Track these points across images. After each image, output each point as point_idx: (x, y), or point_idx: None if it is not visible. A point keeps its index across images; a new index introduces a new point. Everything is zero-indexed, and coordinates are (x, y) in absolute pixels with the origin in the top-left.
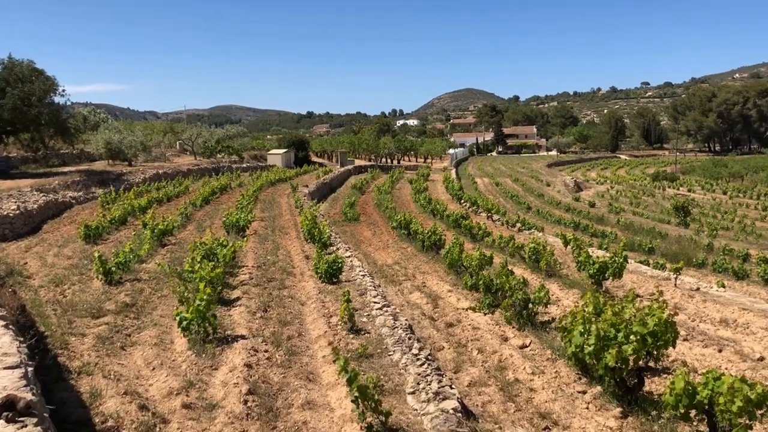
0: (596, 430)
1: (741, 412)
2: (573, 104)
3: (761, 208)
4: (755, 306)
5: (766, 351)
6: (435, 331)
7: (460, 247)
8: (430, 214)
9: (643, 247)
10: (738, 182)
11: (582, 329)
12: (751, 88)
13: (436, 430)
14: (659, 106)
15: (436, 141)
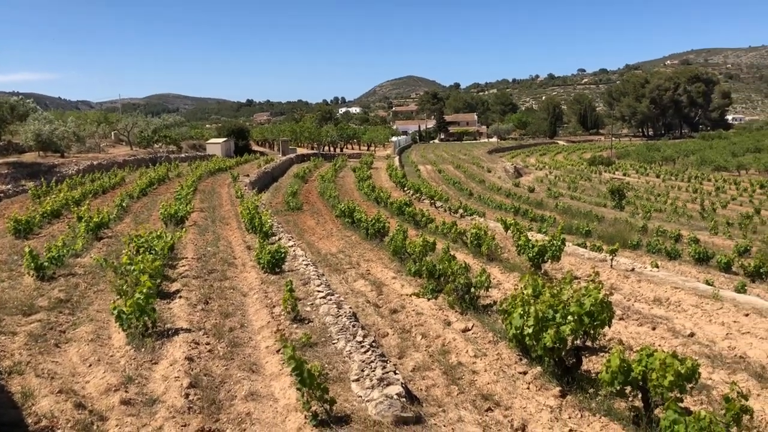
0: (536, 410)
1: (672, 387)
2: (512, 91)
3: (692, 191)
4: (686, 285)
5: (696, 327)
6: (379, 318)
7: (403, 234)
8: (374, 201)
9: (580, 230)
10: (670, 166)
11: (521, 311)
12: (681, 74)
13: (381, 415)
14: (595, 93)
15: (378, 129)
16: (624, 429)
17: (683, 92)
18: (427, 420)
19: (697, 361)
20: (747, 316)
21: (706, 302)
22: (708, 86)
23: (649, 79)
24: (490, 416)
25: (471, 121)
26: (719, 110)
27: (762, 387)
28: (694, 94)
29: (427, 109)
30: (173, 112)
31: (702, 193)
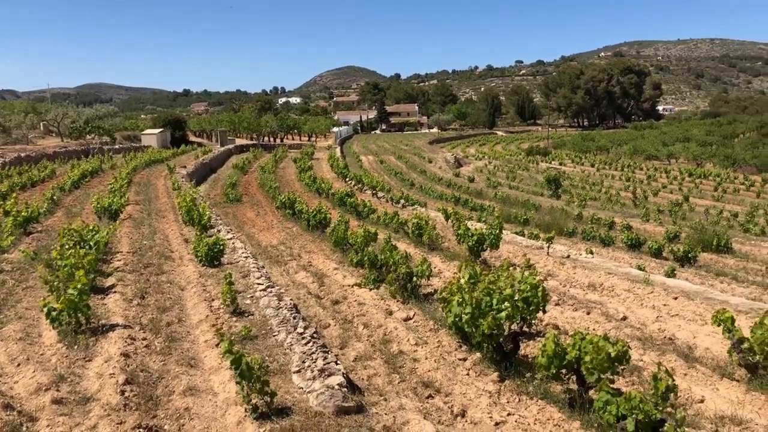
0: (476, 395)
1: (604, 368)
2: (452, 82)
3: (625, 179)
4: (619, 270)
5: (628, 311)
6: (321, 309)
7: (345, 224)
8: (316, 192)
9: (518, 219)
10: (604, 155)
11: (460, 299)
12: (615, 66)
13: (322, 406)
14: (532, 84)
15: (319, 119)
16: (560, 411)
17: (616, 83)
18: (369, 409)
19: (628, 344)
20: (676, 299)
21: (638, 287)
22: (640, 78)
23: (584, 70)
24: (430, 403)
25: (412, 111)
26: (650, 101)
27: (689, 366)
28: (627, 86)
29: (368, 100)
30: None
31: (634, 181)
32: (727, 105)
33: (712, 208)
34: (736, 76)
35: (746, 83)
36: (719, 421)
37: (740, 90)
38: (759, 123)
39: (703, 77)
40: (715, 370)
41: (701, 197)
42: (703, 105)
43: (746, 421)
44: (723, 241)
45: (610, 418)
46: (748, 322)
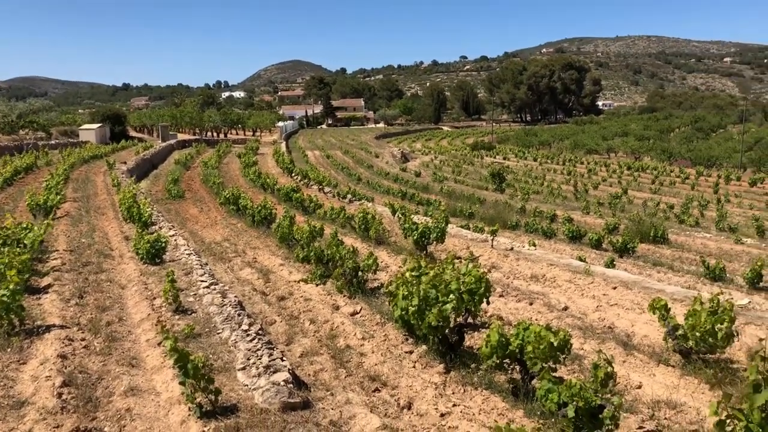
0: (422, 387)
1: (546, 357)
2: (398, 77)
3: (566, 173)
4: (561, 261)
5: (570, 301)
6: (267, 306)
7: (291, 220)
8: (261, 188)
9: (464, 213)
10: (546, 150)
11: (406, 292)
12: (556, 62)
13: (268, 403)
14: (477, 79)
15: (264, 114)
16: (504, 400)
17: (558, 79)
18: (315, 404)
19: (570, 333)
20: (615, 289)
21: (579, 277)
22: (580, 74)
23: (526, 66)
24: (377, 396)
25: (358, 106)
26: (590, 96)
27: (627, 353)
28: (568, 81)
29: (314, 94)
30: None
31: (575, 175)
32: (664, 100)
33: (650, 201)
34: (672, 73)
35: (681, 79)
36: (655, 405)
37: (676, 86)
38: (693, 118)
39: (640, 73)
40: (652, 357)
41: (639, 190)
42: (640, 100)
43: (680, 405)
44: (660, 232)
45: (551, 406)
46: (683, 310)
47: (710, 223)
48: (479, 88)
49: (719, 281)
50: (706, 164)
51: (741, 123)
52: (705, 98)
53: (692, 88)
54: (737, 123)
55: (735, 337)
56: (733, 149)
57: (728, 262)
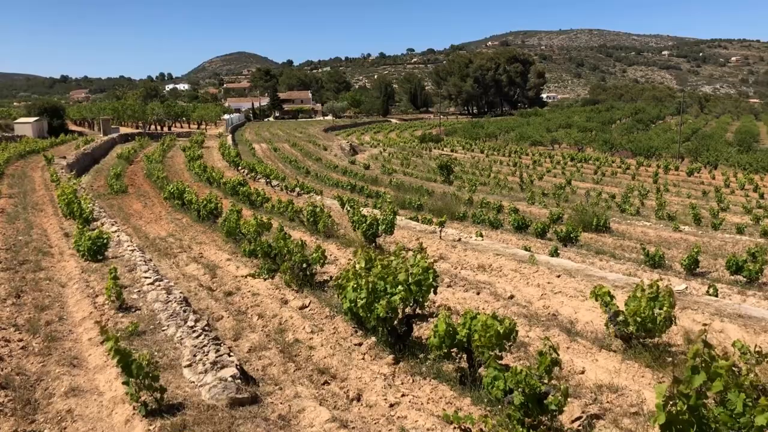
0: (371, 379)
1: (492, 345)
2: (345, 69)
3: (512, 165)
4: (507, 251)
5: (515, 290)
6: (213, 302)
7: (237, 214)
8: (206, 182)
9: (412, 205)
10: (493, 141)
11: (355, 284)
12: (501, 55)
13: (215, 399)
14: (424, 72)
15: (209, 106)
16: (452, 389)
17: (503, 72)
18: (264, 399)
19: (515, 321)
20: (559, 277)
21: (524, 266)
22: (525, 66)
23: (472, 59)
24: (326, 389)
25: (306, 98)
26: (535, 89)
27: (571, 340)
28: (513, 74)
29: (260, 86)
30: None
31: (521, 166)
32: (605, 93)
33: (592, 191)
34: (613, 65)
35: (622, 72)
36: (598, 389)
37: (617, 78)
38: (633, 109)
39: (583, 66)
40: (595, 342)
41: (582, 180)
42: (583, 93)
43: (622, 388)
44: (602, 222)
45: (498, 393)
46: (624, 296)
47: (650, 211)
48: (427, 81)
49: (658, 268)
50: (646, 155)
51: (679, 114)
52: (645, 90)
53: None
54: (675, 114)
55: (673, 322)
56: (671, 140)
57: (667, 249)
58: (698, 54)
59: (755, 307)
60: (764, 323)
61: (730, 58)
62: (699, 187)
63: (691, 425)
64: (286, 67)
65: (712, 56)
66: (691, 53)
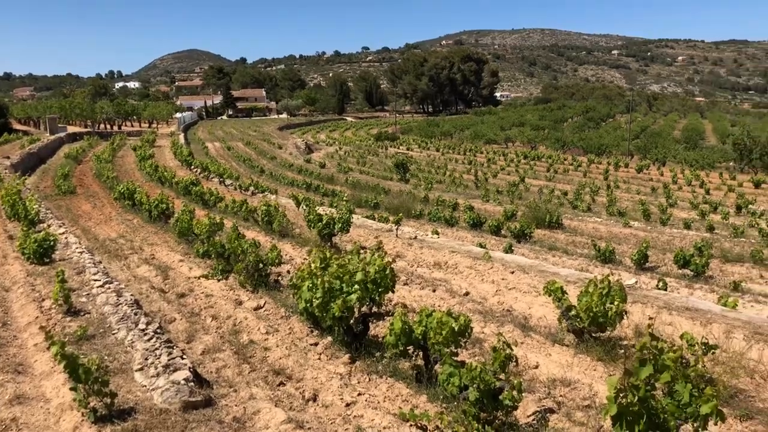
0: (327, 378)
1: (448, 342)
2: (300, 67)
3: (467, 163)
4: (462, 248)
5: (470, 287)
6: (166, 304)
7: (190, 214)
8: (158, 182)
9: (369, 203)
10: (448, 140)
11: (310, 284)
12: (456, 54)
13: (167, 403)
14: (379, 70)
15: (161, 105)
16: (408, 387)
17: (458, 71)
18: (218, 401)
19: (470, 318)
20: (513, 273)
21: (479, 263)
22: (479, 65)
23: (427, 58)
24: (282, 390)
25: (260, 96)
26: (489, 88)
27: (525, 335)
28: (467, 73)
29: (213, 84)
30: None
31: (476, 164)
32: (557, 91)
33: (545, 188)
34: (565, 65)
35: (573, 71)
36: (551, 384)
37: (568, 77)
38: (584, 108)
39: (535, 65)
40: (548, 337)
41: (535, 178)
42: (536, 91)
43: (574, 382)
44: (554, 218)
45: (453, 390)
46: (576, 291)
47: (601, 208)
48: (382, 79)
49: (609, 263)
50: (597, 152)
51: (628, 113)
52: (595, 89)
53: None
54: (625, 113)
55: (624, 316)
56: (621, 138)
57: (617, 244)
58: (646, 53)
59: (702, 300)
60: (710, 315)
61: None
62: (648, 184)
63: (641, 416)
64: (240, 65)
65: (659, 56)
66: (639, 53)
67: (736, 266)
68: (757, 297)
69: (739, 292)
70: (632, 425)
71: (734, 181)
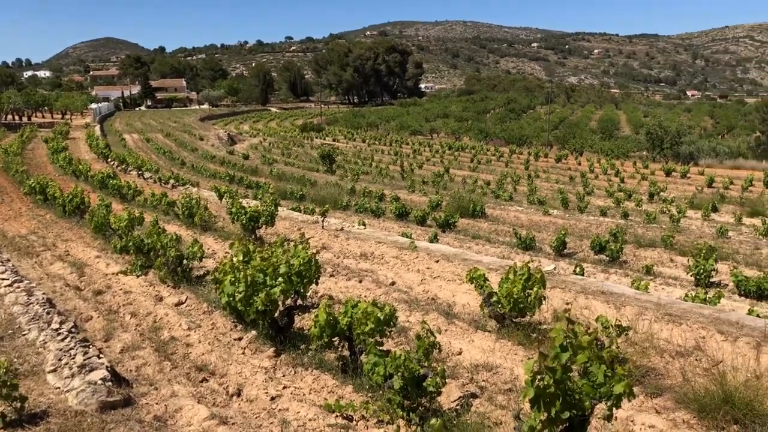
0: (252, 373)
1: (373, 332)
2: (221, 57)
3: (393, 154)
4: (388, 239)
5: (396, 276)
6: (82, 302)
7: (107, 208)
8: (72, 175)
9: (294, 195)
10: (374, 131)
11: (233, 278)
12: (380, 45)
13: (83, 404)
14: (303, 61)
15: (75, 95)
16: (334, 378)
17: (382, 62)
18: (138, 400)
19: (395, 307)
20: (437, 262)
21: (405, 253)
22: (403, 57)
23: (352, 48)
24: (205, 386)
25: (180, 86)
26: (414, 79)
27: (449, 323)
28: (392, 64)
29: (131, 74)
30: None
31: (402, 155)
32: (480, 83)
33: (469, 178)
34: (487, 57)
35: (495, 63)
36: (474, 369)
37: (490, 69)
38: (506, 100)
39: (458, 57)
40: (471, 324)
41: (460, 168)
42: (459, 83)
43: (496, 366)
44: (478, 207)
45: (378, 379)
46: (498, 278)
47: (522, 197)
48: (306, 70)
49: (530, 250)
50: (518, 143)
51: (547, 104)
52: (516, 81)
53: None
54: (544, 104)
55: (543, 301)
56: (540, 128)
57: (538, 232)
58: (564, 46)
59: (616, 284)
60: (624, 298)
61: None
62: (566, 173)
63: (557, 397)
64: (158, 54)
65: (576, 49)
66: (558, 46)
67: (649, 251)
68: (667, 280)
69: (651, 275)
70: (549, 406)
71: (647, 169)
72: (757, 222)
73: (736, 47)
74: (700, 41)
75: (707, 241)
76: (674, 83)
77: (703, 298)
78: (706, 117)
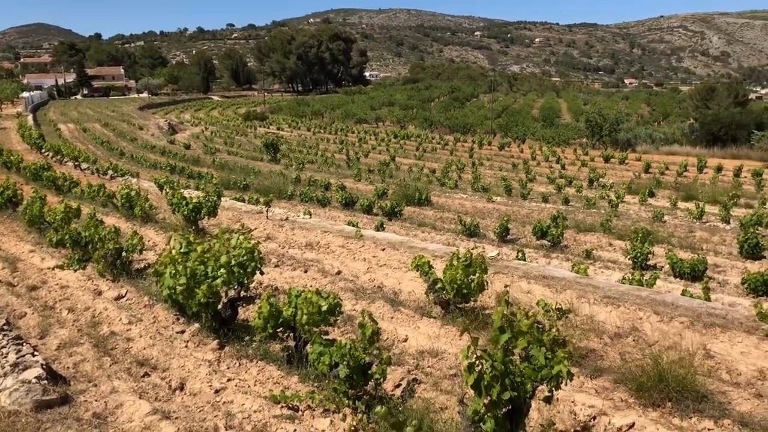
0: (195, 366)
1: (317, 322)
2: (161, 44)
3: (338, 142)
4: (335, 228)
5: (342, 265)
6: (15, 298)
7: (41, 201)
8: (3, 167)
9: (238, 185)
10: (319, 119)
11: (173, 270)
12: (324, 32)
13: (17, 404)
14: (246, 48)
15: (4, 83)
16: (279, 369)
17: (326, 50)
18: (76, 398)
19: (340, 296)
20: (383, 250)
21: (351, 242)
22: (347, 45)
23: (295, 36)
24: (146, 381)
25: (117, 75)
26: (358, 67)
27: (395, 310)
28: (336, 52)
29: (65, 62)
30: None
31: (347, 144)
32: (424, 71)
33: (415, 166)
34: (431, 45)
35: (439, 51)
36: (420, 355)
37: (434, 58)
38: (450, 88)
39: (402, 45)
40: (417, 311)
41: (405, 157)
42: (404, 71)
43: (441, 352)
44: (423, 195)
45: (324, 368)
46: (443, 265)
47: (467, 184)
48: (249, 57)
49: (474, 237)
50: (463, 131)
51: (491, 92)
52: (460, 69)
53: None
54: (487, 92)
55: (486, 286)
56: (484, 117)
57: (482, 219)
58: (507, 35)
59: (557, 269)
60: (564, 282)
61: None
62: (509, 161)
63: (497, 380)
64: (94, 42)
65: (518, 37)
66: (500, 34)
67: (589, 236)
68: (606, 263)
69: (591, 259)
70: (489, 389)
71: (587, 156)
72: (691, 206)
73: (670, 36)
74: (636, 30)
75: (644, 226)
76: (612, 71)
77: (640, 280)
78: (643, 104)
